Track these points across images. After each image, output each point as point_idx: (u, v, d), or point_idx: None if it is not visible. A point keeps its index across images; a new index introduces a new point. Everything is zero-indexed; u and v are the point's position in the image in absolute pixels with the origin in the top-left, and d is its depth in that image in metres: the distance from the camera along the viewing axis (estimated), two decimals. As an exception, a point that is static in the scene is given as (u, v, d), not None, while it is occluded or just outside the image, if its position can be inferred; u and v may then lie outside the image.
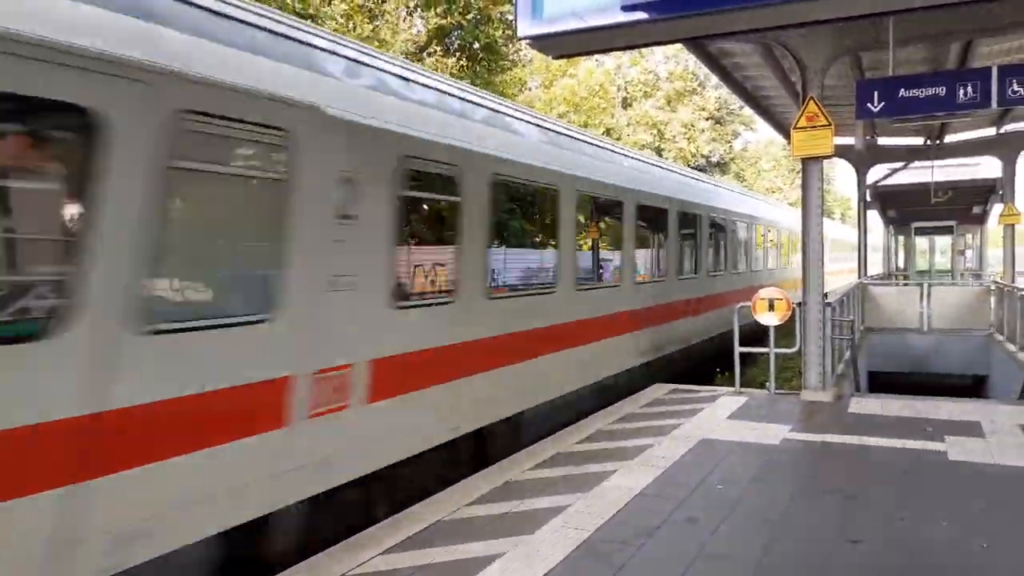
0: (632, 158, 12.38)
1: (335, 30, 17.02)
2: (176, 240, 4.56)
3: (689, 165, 39.26)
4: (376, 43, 17.97)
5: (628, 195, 11.01)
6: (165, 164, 4.23)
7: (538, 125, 9.08)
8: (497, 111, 8.10)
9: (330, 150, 5.35)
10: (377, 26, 18.67)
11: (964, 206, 23.00)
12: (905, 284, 21.40)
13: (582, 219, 10.90)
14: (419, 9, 20.38)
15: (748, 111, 37.16)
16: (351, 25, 18.05)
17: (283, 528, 5.11)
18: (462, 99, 7.47)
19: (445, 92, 7.22)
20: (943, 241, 32.37)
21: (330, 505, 5.46)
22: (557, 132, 9.52)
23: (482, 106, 7.81)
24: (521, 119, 8.64)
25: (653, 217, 12.38)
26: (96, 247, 3.91)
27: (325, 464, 5.29)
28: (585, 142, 10.43)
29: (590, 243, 12.24)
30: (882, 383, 16.26)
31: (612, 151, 11.51)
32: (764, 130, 61.33)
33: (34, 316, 3.97)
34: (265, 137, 4.95)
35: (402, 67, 6.86)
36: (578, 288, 9.39)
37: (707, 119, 43.94)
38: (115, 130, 3.96)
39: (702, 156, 44.08)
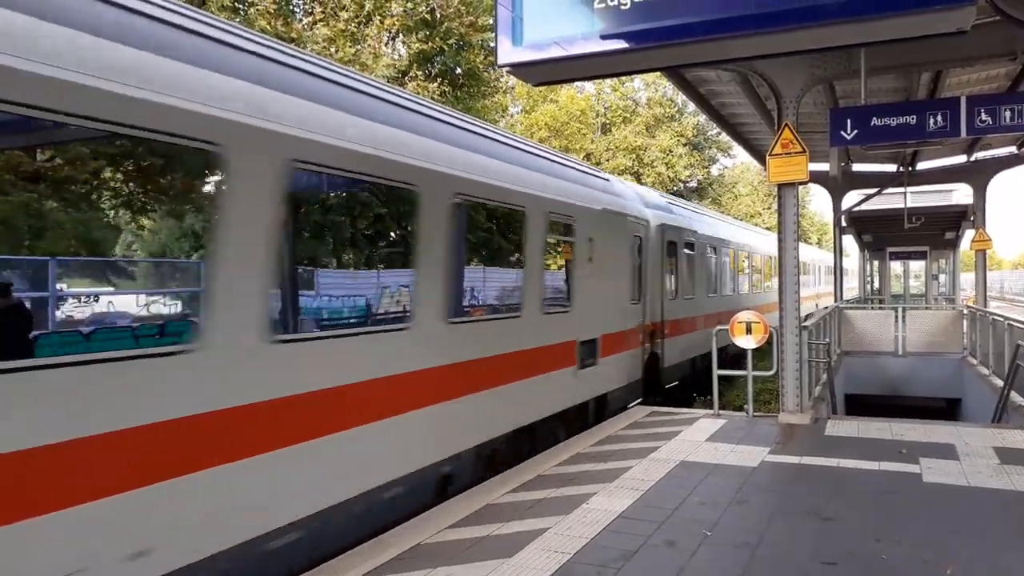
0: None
1: (318, 54, 17.10)
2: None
3: (668, 190, 39.65)
4: (357, 66, 18.05)
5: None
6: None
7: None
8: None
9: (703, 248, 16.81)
10: (359, 50, 18.77)
11: (937, 231, 23.39)
12: (880, 308, 21.68)
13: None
14: (401, 34, 20.54)
15: (725, 137, 37.78)
16: (333, 49, 18.14)
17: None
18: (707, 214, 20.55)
19: (704, 213, 20.06)
20: (917, 266, 32.85)
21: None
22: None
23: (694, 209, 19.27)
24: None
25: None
26: None
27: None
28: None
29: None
30: (858, 405, 16.43)
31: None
32: (741, 155, 62.14)
33: None
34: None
35: (701, 210, 20.81)
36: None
37: (685, 145, 44.47)
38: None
39: (680, 181, 44.54)
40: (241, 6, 17.22)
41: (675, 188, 43.12)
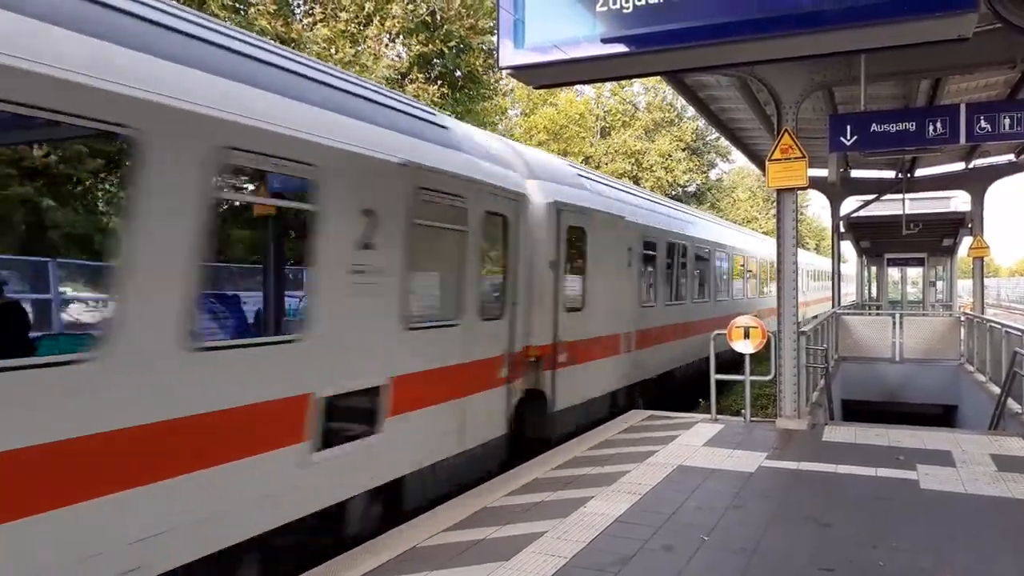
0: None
1: (317, 55, 17.10)
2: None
3: (667, 194, 39.69)
4: (357, 68, 18.04)
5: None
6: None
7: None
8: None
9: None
10: (359, 51, 18.75)
11: (935, 238, 23.41)
12: (878, 314, 21.68)
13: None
14: (401, 36, 20.53)
15: (724, 142, 37.83)
16: (333, 50, 18.12)
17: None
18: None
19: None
20: (915, 272, 32.93)
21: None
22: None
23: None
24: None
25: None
26: None
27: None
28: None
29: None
30: (855, 411, 16.42)
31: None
32: (740, 160, 62.23)
33: None
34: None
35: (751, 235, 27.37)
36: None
37: (684, 149, 44.51)
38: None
39: (679, 185, 44.59)
40: (241, 6, 17.20)
41: (674, 192, 43.14)
